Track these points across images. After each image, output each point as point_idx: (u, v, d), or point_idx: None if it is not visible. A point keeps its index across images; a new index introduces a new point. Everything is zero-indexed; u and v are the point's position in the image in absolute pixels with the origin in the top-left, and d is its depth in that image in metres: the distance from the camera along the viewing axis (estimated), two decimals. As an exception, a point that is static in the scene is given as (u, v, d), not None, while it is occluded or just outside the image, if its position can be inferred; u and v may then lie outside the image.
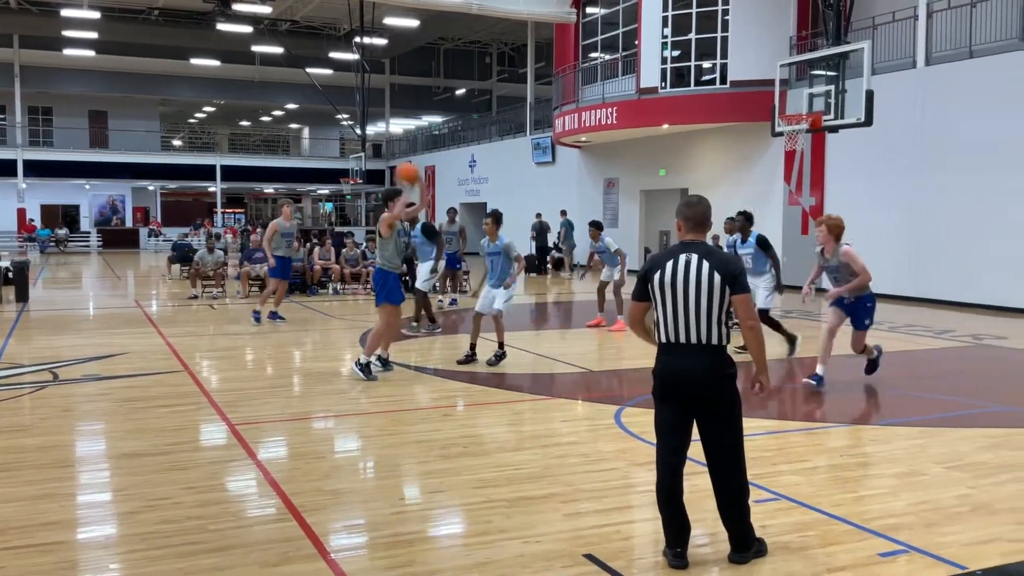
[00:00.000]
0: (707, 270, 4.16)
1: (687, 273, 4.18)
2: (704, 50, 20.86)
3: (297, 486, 5.45)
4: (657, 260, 4.32)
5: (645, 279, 4.31)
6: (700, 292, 4.15)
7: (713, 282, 4.15)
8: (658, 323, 4.29)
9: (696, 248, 4.25)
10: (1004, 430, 7.00)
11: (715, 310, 4.16)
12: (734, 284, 4.17)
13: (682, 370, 4.20)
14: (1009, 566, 4.24)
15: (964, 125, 15.88)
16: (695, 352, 4.19)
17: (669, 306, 4.21)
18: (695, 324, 4.17)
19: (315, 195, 54.64)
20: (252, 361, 10.78)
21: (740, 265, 4.30)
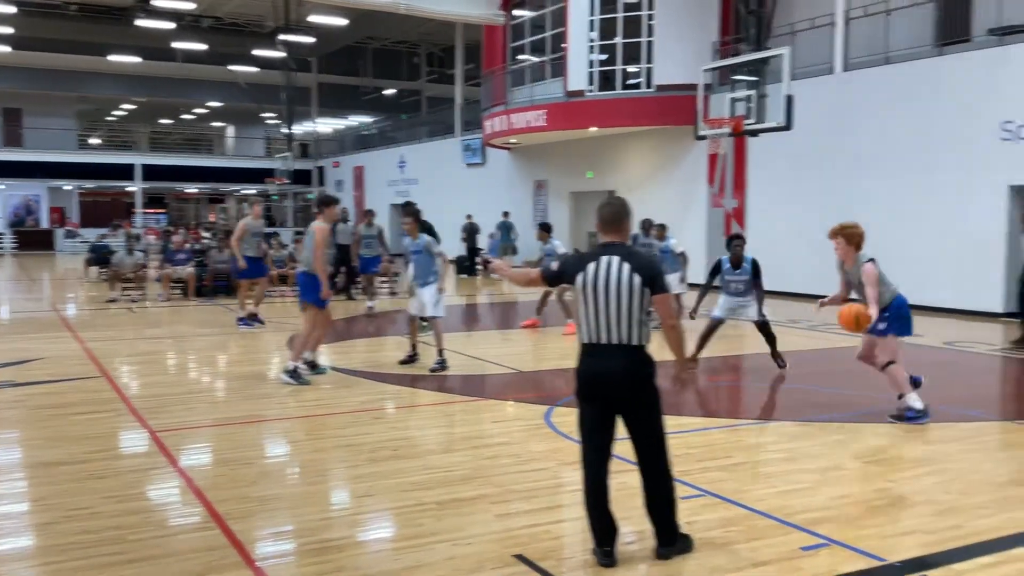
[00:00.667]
0: (628, 272, 4.24)
1: (608, 275, 4.25)
2: (630, 54, 21.12)
3: (221, 493, 5.34)
4: (579, 262, 4.39)
5: (561, 274, 4.46)
6: (621, 294, 4.23)
7: (633, 284, 4.23)
8: (580, 324, 4.38)
9: (617, 250, 4.33)
10: (920, 425, 7.24)
11: (636, 311, 4.24)
12: (654, 285, 4.27)
13: (605, 370, 4.28)
14: (927, 557, 4.39)
15: (880, 129, 16.40)
16: (617, 352, 4.27)
17: (591, 307, 4.28)
18: (617, 325, 4.25)
19: (240, 195, 53.61)
20: (174, 366, 10.53)
21: (660, 266, 4.41)
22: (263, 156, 45.87)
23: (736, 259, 9.86)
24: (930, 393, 8.58)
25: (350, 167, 39.61)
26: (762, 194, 19.10)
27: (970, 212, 14.89)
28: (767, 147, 18.36)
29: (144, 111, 48.89)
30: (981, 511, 5.07)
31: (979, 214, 14.77)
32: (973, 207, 14.85)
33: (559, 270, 4.48)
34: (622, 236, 4.43)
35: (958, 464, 6.07)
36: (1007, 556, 4.37)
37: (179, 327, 13.89)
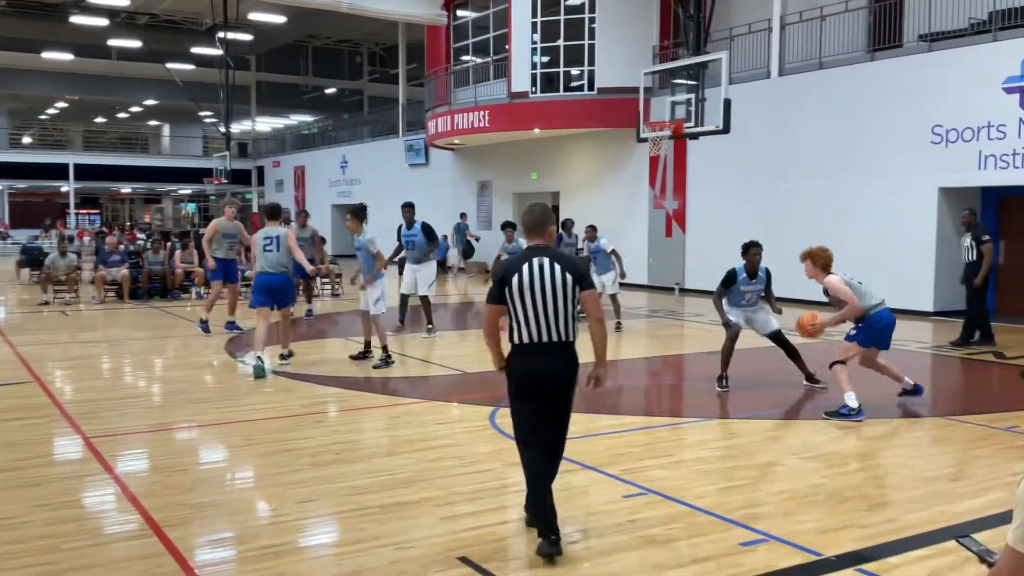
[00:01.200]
0: (559, 272, 4.45)
1: (542, 276, 4.45)
2: (572, 57, 21.24)
3: (158, 500, 5.23)
4: (512, 266, 4.55)
5: (502, 284, 4.51)
6: (556, 293, 4.44)
7: (566, 282, 4.45)
8: (515, 325, 4.52)
9: (546, 252, 4.54)
10: (854, 421, 7.42)
11: (569, 308, 4.49)
12: (582, 282, 4.50)
13: (546, 367, 4.49)
14: (861, 551, 4.50)
15: (815, 132, 16.77)
16: (556, 350, 4.49)
17: (529, 308, 4.45)
18: (554, 323, 4.45)
19: (176, 195, 52.59)
20: (109, 370, 10.29)
21: (584, 265, 4.62)
22: (200, 155, 45.04)
23: (753, 268, 9.21)
24: (864, 391, 8.79)
25: (291, 167, 39.11)
26: (701, 196, 19.38)
27: (902, 214, 15.30)
28: (706, 150, 18.63)
29: (78, 109, 47.66)
30: (913, 505, 5.21)
31: (911, 216, 15.18)
32: (905, 209, 15.26)
33: (497, 282, 4.57)
34: (547, 239, 4.63)
35: (891, 460, 6.23)
36: (939, 549, 4.49)
37: (114, 330, 13.58)
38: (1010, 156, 13.77)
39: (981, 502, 5.27)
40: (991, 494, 5.42)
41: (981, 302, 11.98)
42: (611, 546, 4.52)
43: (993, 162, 14.01)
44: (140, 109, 47.86)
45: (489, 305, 4.59)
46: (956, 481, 5.75)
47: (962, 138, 14.41)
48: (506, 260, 4.89)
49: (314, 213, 36.27)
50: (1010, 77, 13.69)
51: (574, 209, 23.02)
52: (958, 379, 10.27)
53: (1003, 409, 7.97)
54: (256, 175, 42.53)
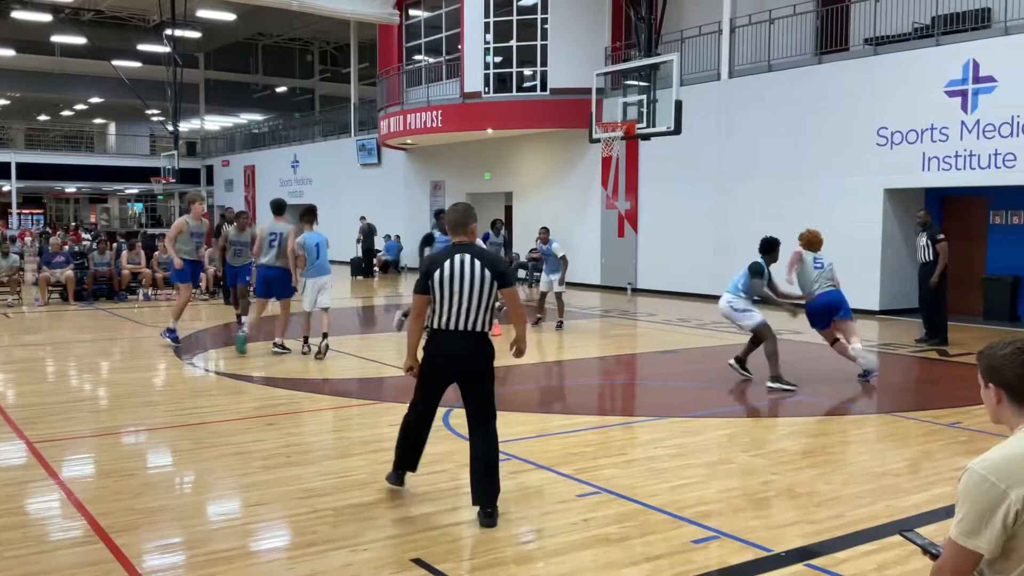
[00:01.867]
0: (479, 268, 4.86)
1: (463, 271, 4.85)
2: (525, 57, 21.28)
3: (105, 506, 5.12)
4: (436, 259, 4.96)
5: (427, 276, 4.91)
6: (474, 287, 4.84)
7: (485, 278, 4.85)
8: (435, 313, 4.93)
9: (469, 249, 4.94)
10: (802, 419, 7.55)
11: (485, 301, 4.88)
12: (502, 280, 4.93)
13: (456, 351, 4.94)
14: (810, 546, 4.57)
15: (764, 133, 17.01)
16: (466, 337, 4.91)
17: (447, 299, 4.86)
18: (467, 313, 4.86)
19: (123, 195, 51.59)
20: (53, 374, 10.05)
21: (506, 263, 4.85)
22: (148, 154, 44.23)
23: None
24: (811, 389, 8.94)
25: (240, 166, 38.60)
26: (653, 196, 19.54)
27: (848, 214, 15.58)
28: (658, 151, 18.79)
29: (20, 106, 46.49)
30: (860, 500, 5.31)
31: (857, 216, 15.47)
32: (851, 209, 15.54)
33: (423, 275, 4.95)
34: (470, 236, 5.02)
35: (839, 456, 6.34)
36: (885, 543, 4.58)
37: (58, 333, 13.27)
38: (952, 158, 14.11)
39: (927, 496, 5.39)
40: (936, 488, 5.54)
41: (939, 300, 12.11)
42: (565, 545, 4.53)
43: (936, 164, 14.35)
44: (85, 107, 46.87)
45: (416, 295, 4.99)
46: (902, 476, 5.87)
47: (906, 140, 14.73)
48: (432, 254, 5.30)
49: (265, 213, 36.03)
50: (952, 81, 14.03)
51: (527, 209, 23.11)
52: (904, 376, 10.49)
53: (947, 405, 8.16)
54: (205, 174, 41.90)
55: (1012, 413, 2.48)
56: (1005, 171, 13.50)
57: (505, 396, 8.88)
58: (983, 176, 13.83)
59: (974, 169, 13.89)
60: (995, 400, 2.51)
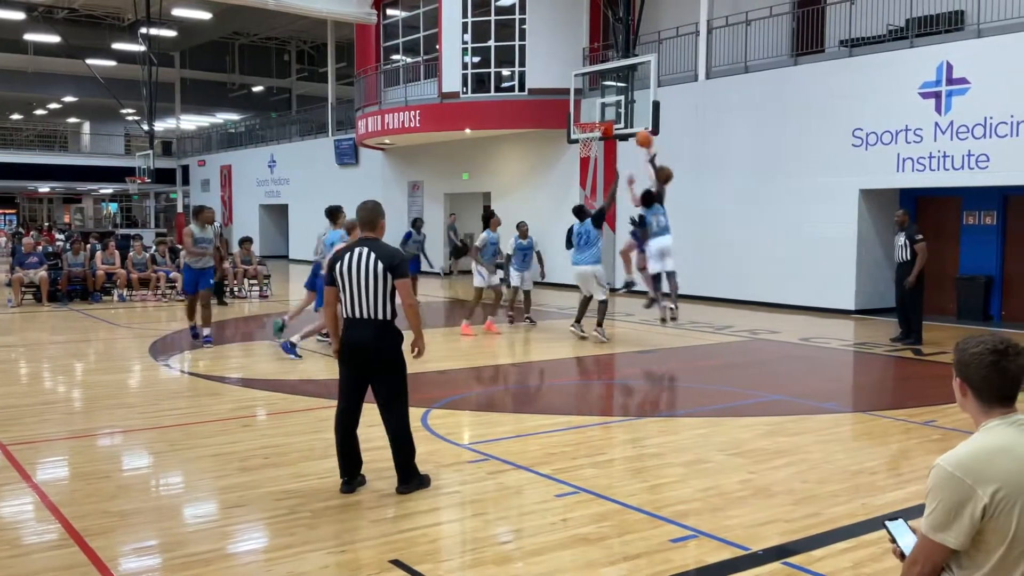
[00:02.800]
0: (374, 260, 5.24)
1: (359, 263, 5.26)
2: (503, 57, 21.28)
3: (80, 509, 5.07)
4: (340, 254, 5.39)
5: (331, 268, 5.36)
6: (369, 277, 5.22)
7: (378, 269, 5.22)
8: (343, 302, 5.33)
9: (368, 243, 5.35)
10: (779, 418, 7.59)
11: (381, 291, 5.24)
12: (395, 272, 5.26)
13: (359, 339, 5.28)
14: (787, 545, 4.61)
15: (740, 134, 17.11)
16: (369, 325, 5.26)
17: (349, 289, 5.28)
18: (368, 302, 5.24)
19: (97, 195, 51.08)
20: (26, 376, 9.94)
21: (402, 256, 5.41)
22: (123, 154, 43.82)
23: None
24: (788, 387, 9.01)
25: (217, 166, 38.32)
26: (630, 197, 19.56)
27: (824, 215, 15.71)
28: (636, 151, 18.82)
29: (-9, 105, 45.93)
30: (836, 499, 5.36)
31: (833, 216, 15.60)
32: (827, 210, 15.67)
33: (330, 268, 5.39)
34: (376, 233, 5.43)
35: (815, 454, 6.39)
36: (861, 541, 4.63)
37: (32, 334, 13.13)
38: (926, 159, 14.25)
39: (902, 494, 5.44)
40: (911, 486, 5.60)
41: (916, 300, 12.10)
42: (544, 545, 4.54)
43: (911, 164, 14.49)
44: (59, 106, 46.34)
45: (326, 287, 5.44)
46: (878, 474, 5.93)
47: (881, 141, 14.87)
48: (338, 249, 5.66)
49: (241, 213, 35.81)
50: (926, 82, 14.18)
51: (505, 209, 23.07)
52: (879, 375, 10.59)
53: (922, 404, 8.24)
54: (181, 174, 41.57)
55: (976, 409, 2.55)
56: (978, 172, 13.66)
57: (483, 397, 8.89)
58: (956, 177, 13.98)
59: (948, 170, 14.04)
60: (960, 394, 2.60)
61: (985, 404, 2.52)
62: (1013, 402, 2.52)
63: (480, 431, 7.27)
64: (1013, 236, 14.50)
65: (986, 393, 2.51)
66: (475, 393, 9.01)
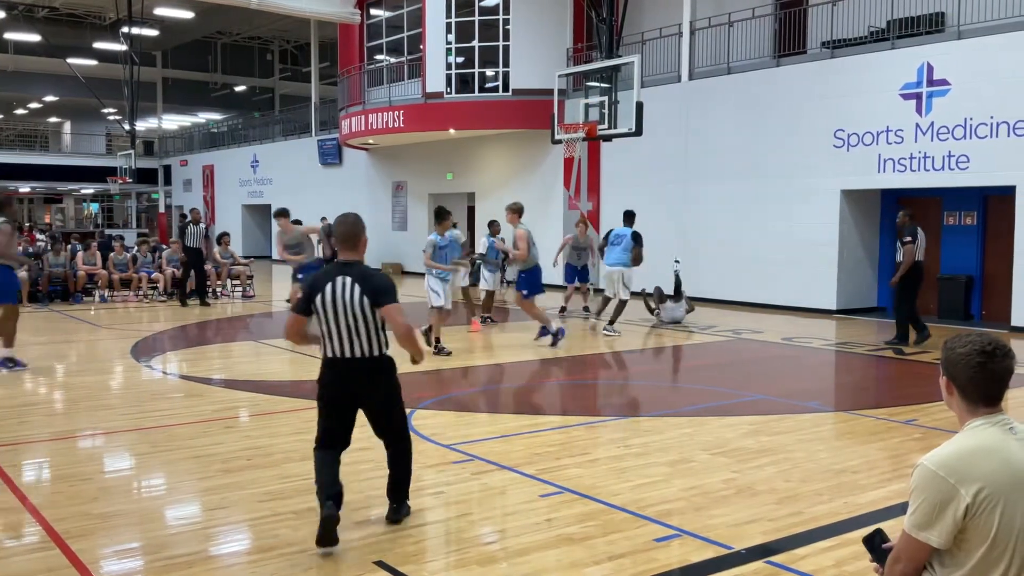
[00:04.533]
0: (358, 294, 4.51)
1: (342, 296, 4.52)
2: (487, 58, 21.28)
3: (61, 511, 5.03)
4: (318, 283, 4.59)
5: (308, 299, 4.58)
6: (355, 313, 4.52)
7: (364, 305, 4.52)
8: (324, 339, 4.62)
9: (350, 270, 4.58)
10: (762, 417, 7.63)
11: (371, 327, 4.57)
12: (379, 299, 4.53)
13: (347, 382, 4.63)
14: (770, 544, 4.63)
15: (723, 135, 17.18)
16: (357, 367, 4.60)
17: (332, 325, 4.56)
18: (355, 340, 4.56)
19: (79, 195, 50.69)
20: (6, 377, 9.84)
21: (388, 282, 4.63)
22: (104, 154, 43.50)
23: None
24: (771, 387, 9.05)
25: (199, 166, 38.13)
26: (615, 197, 19.62)
27: (806, 215, 15.80)
28: (619, 152, 18.90)
29: (-30, 104, 45.51)
30: (819, 497, 5.38)
31: (815, 217, 15.70)
32: (809, 210, 15.76)
33: (305, 297, 4.61)
34: (357, 254, 4.67)
35: (797, 453, 6.42)
36: (843, 539, 4.65)
37: (11, 335, 12.99)
38: (907, 160, 14.36)
39: (884, 492, 5.48)
40: (893, 484, 5.64)
41: (903, 300, 11.94)
42: (528, 545, 4.54)
43: (892, 165, 14.60)
44: (40, 105, 45.96)
45: (294, 314, 4.69)
46: (860, 473, 5.96)
47: (863, 142, 14.97)
48: (315, 275, 4.73)
49: (224, 213, 35.62)
50: (907, 84, 14.29)
51: (489, 209, 23.07)
52: (860, 375, 10.65)
53: (903, 403, 8.30)
54: (163, 174, 41.34)
55: (961, 408, 2.57)
56: (958, 172, 13.77)
57: (467, 397, 8.88)
58: (937, 178, 14.10)
59: (928, 171, 14.15)
60: (947, 392, 2.61)
61: (971, 404, 2.54)
62: (998, 402, 2.54)
63: (464, 431, 7.26)
64: (993, 236, 14.62)
65: (972, 393, 2.53)
66: (460, 393, 9.01)
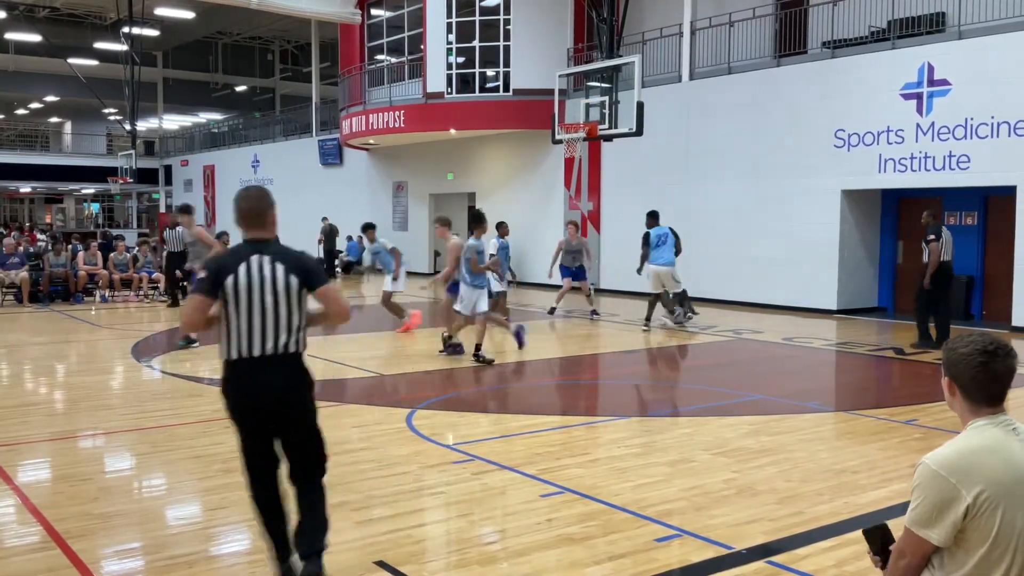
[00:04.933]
0: (283, 273, 3.80)
1: (262, 278, 3.78)
2: (488, 58, 21.28)
3: (61, 511, 5.03)
4: (225, 265, 3.84)
5: (215, 283, 3.80)
6: (278, 298, 3.78)
7: (290, 285, 3.80)
8: (230, 335, 3.81)
9: (267, 249, 3.84)
10: (763, 417, 7.62)
11: (295, 317, 3.83)
12: (311, 280, 3.86)
13: (263, 386, 3.83)
14: (770, 544, 4.62)
15: (724, 135, 17.17)
16: (275, 366, 3.82)
17: (244, 315, 3.77)
18: (273, 333, 3.79)
19: (79, 195, 50.71)
20: (7, 377, 9.85)
21: (313, 260, 4.01)
22: (105, 154, 43.52)
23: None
24: (771, 387, 9.04)
25: (200, 166, 38.14)
26: (616, 197, 19.65)
27: (807, 215, 15.79)
28: (620, 152, 18.90)
29: (-29, 105, 45.53)
30: (819, 498, 5.38)
31: (815, 217, 15.69)
32: (810, 210, 15.75)
33: (210, 278, 3.83)
34: (268, 231, 3.90)
35: (798, 454, 6.42)
36: (844, 539, 4.65)
37: (12, 335, 13.01)
38: (908, 160, 14.36)
39: (884, 492, 5.47)
40: (893, 484, 5.64)
41: (926, 302, 11.58)
42: (529, 545, 4.54)
43: (892, 165, 14.59)
44: (40, 105, 45.99)
45: (197, 296, 3.87)
46: (860, 473, 5.96)
47: (863, 142, 14.96)
48: (220, 256, 4.15)
49: (225, 213, 35.60)
50: (908, 84, 14.28)
51: (490, 210, 23.05)
52: (861, 375, 10.65)
53: (903, 403, 8.30)
54: (163, 174, 41.35)
55: (963, 408, 2.57)
56: (959, 172, 13.77)
57: (468, 397, 8.88)
58: (937, 178, 14.09)
59: (929, 171, 14.14)
60: (949, 392, 2.61)
61: (973, 404, 2.54)
62: (1000, 402, 2.53)
63: (465, 431, 7.26)
64: (994, 236, 14.61)
65: (974, 393, 2.52)
66: (460, 393, 9.00)
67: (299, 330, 3.87)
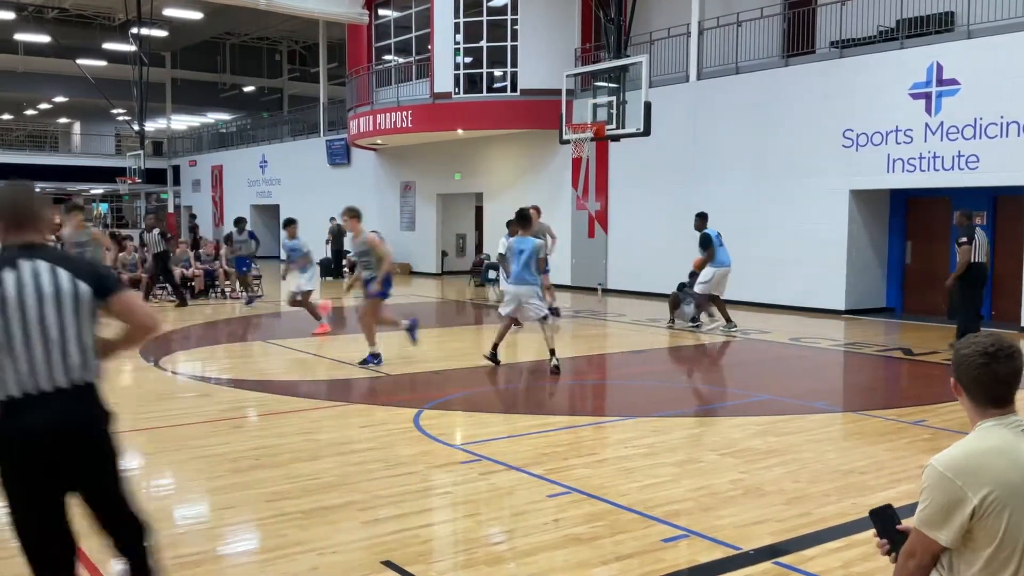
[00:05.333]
0: (68, 282, 2.98)
1: (40, 288, 2.94)
2: (495, 58, 21.29)
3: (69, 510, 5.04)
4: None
5: None
6: (63, 313, 2.96)
7: (80, 298, 2.99)
8: None
9: (43, 254, 3.01)
10: (770, 417, 7.61)
11: (84, 336, 3.02)
12: (108, 288, 3.06)
13: (48, 427, 2.95)
14: (778, 544, 4.61)
15: (731, 135, 17.14)
16: (62, 399, 2.98)
17: (18, 340, 2.90)
18: (58, 360, 2.96)
19: (88, 195, 50.88)
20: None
21: (103, 266, 3.46)
22: (113, 154, 43.67)
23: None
24: (779, 387, 9.02)
25: (208, 166, 38.24)
26: (623, 197, 19.63)
27: (815, 215, 15.75)
28: (627, 152, 18.87)
29: (-19, 105, 45.76)
30: (827, 498, 5.37)
31: (823, 217, 15.64)
32: (817, 210, 15.71)
33: None
34: (38, 233, 3.07)
35: (806, 454, 6.40)
36: (852, 540, 4.63)
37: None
38: (916, 160, 14.31)
39: (892, 493, 5.45)
40: (902, 485, 5.62)
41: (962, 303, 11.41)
42: (536, 545, 4.53)
43: (901, 165, 14.54)
44: (49, 106, 46.21)
45: None
46: (868, 474, 5.94)
47: (871, 142, 14.91)
48: None
49: (233, 213, 35.69)
50: (916, 83, 14.23)
51: (497, 209, 23.12)
52: (869, 375, 10.62)
53: (912, 404, 8.27)
54: (172, 174, 41.45)
55: (971, 409, 2.57)
56: (968, 172, 13.71)
57: (475, 397, 8.88)
58: (946, 178, 14.04)
59: (938, 171, 14.09)
60: (956, 394, 2.61)
61: (978, 405, 2.53)
62: (1007, 403, 2.52)
63: (472, 431, 7.27)
64: (1003, 236, 14.54)
65: (978, 395, 2.51)
66: (467, 393, 9.00)
67: (89, 349, 3.05)
